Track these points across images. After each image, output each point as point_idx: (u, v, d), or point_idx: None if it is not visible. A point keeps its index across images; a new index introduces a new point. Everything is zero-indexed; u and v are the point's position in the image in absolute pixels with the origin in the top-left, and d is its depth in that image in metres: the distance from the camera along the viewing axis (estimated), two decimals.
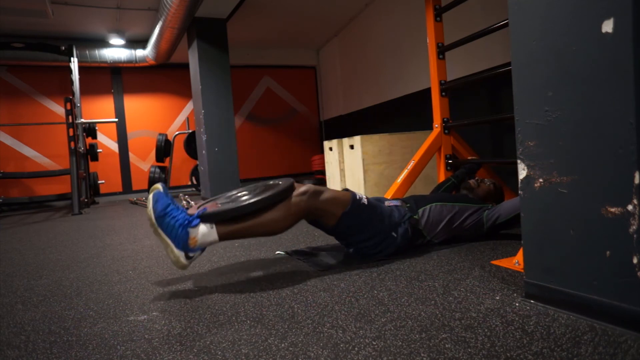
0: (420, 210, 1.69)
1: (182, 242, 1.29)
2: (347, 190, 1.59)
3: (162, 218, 1.28)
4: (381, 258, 1.58)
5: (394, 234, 1.58)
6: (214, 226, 1.35)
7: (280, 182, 1.49)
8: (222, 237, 1.36)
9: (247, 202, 1.38)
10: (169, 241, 1.28)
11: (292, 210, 1.41)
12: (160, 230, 1.28)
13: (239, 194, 1.55)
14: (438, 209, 1.71)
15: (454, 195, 1.94)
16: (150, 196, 1.31)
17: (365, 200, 1.56)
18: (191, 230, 1.31)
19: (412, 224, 1.64)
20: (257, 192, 1.49)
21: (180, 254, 1.29)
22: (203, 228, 1.33)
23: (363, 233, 1.55)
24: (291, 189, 1.44)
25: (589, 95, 0.92)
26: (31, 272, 1.80)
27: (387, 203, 1.68)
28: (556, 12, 0.98)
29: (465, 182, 2.06)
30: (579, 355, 0.80)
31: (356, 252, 1.61)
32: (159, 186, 1.34)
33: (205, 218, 1.35)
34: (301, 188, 1.45)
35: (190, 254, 1.32)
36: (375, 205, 1.58)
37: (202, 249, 1.36)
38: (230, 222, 1.37)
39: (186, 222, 1.30)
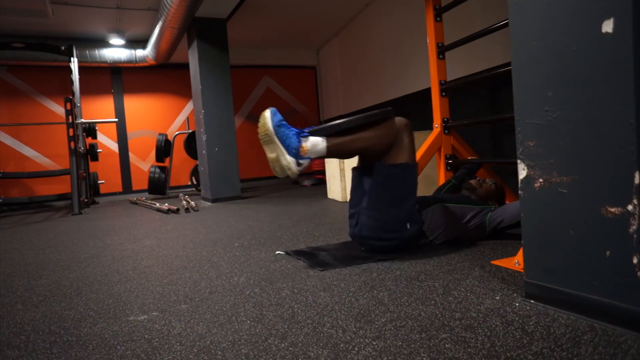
0: (424, 212, 1.69)
1: (295, 149, 1.43)
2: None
3: (279, 127, 1.44)
4: (381, 258, 1.58)
5: (408, 225, 1.59)
6: (324, 139, 1.50)
7: (380, 111, 1.66)
8: (330, 149, 1.50)
9: (353, 118, 1.54)
10: (283, 149, 1.42)
11: (392, 130, 1.57)
12: (276, 138, 1.43)
13: (344, 120, 1.71)
14: (440, 210, 1.71)
15: (456, 196, 1.94)
16: (267, 112, 1.46)
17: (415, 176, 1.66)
18: (303, 139, 1.47)
19: (419, 224, 1.64)
20: (360, 116, 1.63)
21: (292, 160, 1.44)
22: (313, 139, 1.49)
23: (394, 194, 1.58)
24: (391, 112, 1.60)
25: (588, 95, 0.92)
26: (31, 272, 1.80)
27: None
28: (556, 12, 0.98)
29: (466, 182, 2.06)
30: (579, 355, 0.80)
31: (372, 219, 1.58)
32: (270, 109, 1.49)
33: (315, 132, 1.52)
34: (400, 118, 1.63)
35: (301, 161, 1.45)
36: (415, 188, 1.65)
37: (311, 158, 1.49)
38: (337, 136, 1.53)
39: (299, 131, 1.47)
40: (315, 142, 1.48)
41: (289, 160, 1.44)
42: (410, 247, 1.66)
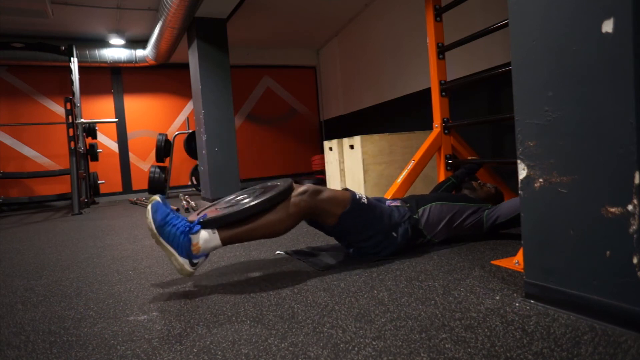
0: (421, 210, 1.69)
1: (185, 250, 1.29)
2: (347, 189, 1.59)
3: (162, 227, 1.28)
4: (381, 258, 1.58)
5: (394, 233, 1.58)
6: (215, 231, 1.35)
7: (279, 183, 1.50)
8: (225, 242, 1.36)
9: (246, 205, 1.39)
10: (172, 250, 1.29)
11: (291, 211, 1.41)
12: (162, 240, 1.28)
13: (239, 198, 1.56)
14: (438, 208, 1.71)
15: (454, 194, 1.94)
16: (149, 207, 1.30)
17: (365, 200, 1.56)
18: (193, 237, 1.31)
19: (412, 223, 1.64)
20: (256, 194, 1.49)
21: (184, 262, 1.30)
22: (205, 234, 1.33)
23: (363, 233, 1.55)
24: (290, 189, 1.44)
25: (589, 95, 0.92)
26: (31, 272, 1.80)
27: (387, 203, 1.68)
28: (556, 12, 0.98)
29: (467, 182, 2.06)
30: (579, 355, 0.80)
31: (356, 252, 1.61)
32: (156, 197, 1.33)
33: (206, 224, 1.35)
34: (300, 188, 1.45)
35: (195, 261, 1.32)
36: (375, 205, 1.58)
37: (206, 254, 1.36)
38: (231, 226, 1.37)
39: (187, 229, 1.31)
40: (207, 238, 1.33)
41: (180, 262, 1.29)
42: (409, 248, 1.66)
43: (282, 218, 1.40)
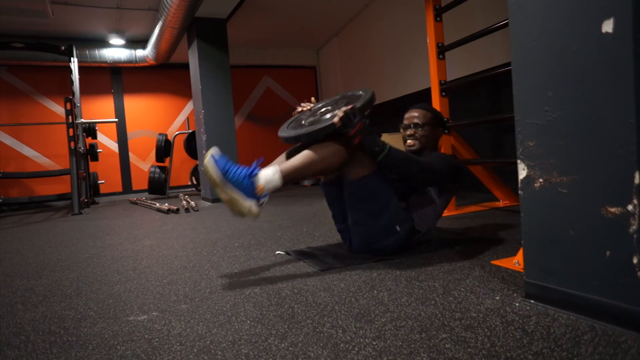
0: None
1: (251, 191, 1.34)
2: None
3: (226, 174, 1.32)
4: (381, 258, 1.58)
5: (397, 227, 1.57)
6: (276, 170, 1.40)
7: (362, 93, 1.58)
8: (286, 179, 1.41)
9: (327, 122, 1.46)
10: (237, 195, 1.32)
11: (343, 143, 1.49)
12: (228, 186, 1.31)
13: (322, 110, 1.64)
14: (415, 201, 1.66)
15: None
16: (208, 159, 1.32)
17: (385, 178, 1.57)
18: (255, 180, 1.35)
19: (411, 225, 1.63)
20: (340, 105, 1.58)
21: (252, 203, 1.34)
22: (266, 174, 1.38)
23: (375, 204, 1.54)
24: (373, 99, 1.56)
25: (589, 95, 0.92)
26: (31, 272, 1.80)
27: None
28: (556, 12, 0.98)
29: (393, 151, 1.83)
30: (579, 355, 0.80)
31: (358, 239, 1.60)
32: (212, 150, 1.36)
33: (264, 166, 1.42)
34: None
35: (261, 200, 1.37)
36: (392, 190, 1.58)
37: (269, 194, 1.40)
38: (288, 163, 1.44)
39: (249, 172, 1.36)
40: (268, 179, 1.38)
41: (248, 204, 1.33)
42: (407, 247, 1.65)
43: (335, 151, 1.48)
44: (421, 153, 1.80)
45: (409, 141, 1.84)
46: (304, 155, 1.47)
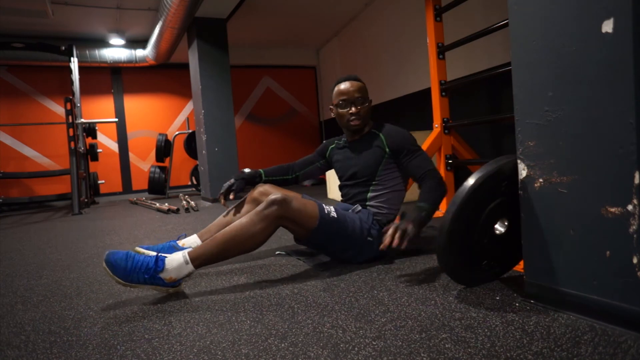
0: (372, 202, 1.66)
1: (163, 282, 1.29)
2: (314, 201, 1.52)
3: (128, 278, 1.24)
4: (371, 260, 1.57)
5: (369, 238, 1.54)
6: (186, 255, 1.31)
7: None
8: (197, 265, 1.32)
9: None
10: (152, 287, 1.29)
11: (263, 224, 1.38)
12: (138, 285, 1.26)
13: None
14: (379, 191, 1.65)
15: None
16: (104, 266, 1.25)
17: (334, 214, 1.49)
18: (164, 274, 1.28)
19: (380, 220, 1.61)
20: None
21: (170, 289, 1.32)
22: (174, 263, 1.29)
23: (338, 245, 1.52)
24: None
25: (588, 95, 0.92)
26: (31, 272, 1.80)
27: (351, 210, 1.62)
28: (556, 12, 0.98)
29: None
30: (579, 355, 0.80)
31: (350, 260, 1.59)
32: (105, 254, 1.28)
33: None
34: (267, 199, 1.40)
35: (177, 284, 1.32)
36: (344, 217, 1.51)
37: (181, 279, 1.32)
38: (202, 247, 1.35)
39: (153, 268, 1.26)
40: (177, 267, 1.29)
41: (165, 290, 1.31)
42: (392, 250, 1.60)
43: (255, 233, 1.37)
44: (362, 130, 1.70)
45: (354, 121, 1.65)
46: (224, 235, 1.36)
